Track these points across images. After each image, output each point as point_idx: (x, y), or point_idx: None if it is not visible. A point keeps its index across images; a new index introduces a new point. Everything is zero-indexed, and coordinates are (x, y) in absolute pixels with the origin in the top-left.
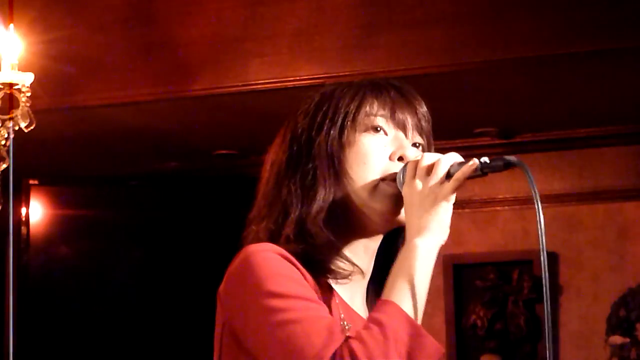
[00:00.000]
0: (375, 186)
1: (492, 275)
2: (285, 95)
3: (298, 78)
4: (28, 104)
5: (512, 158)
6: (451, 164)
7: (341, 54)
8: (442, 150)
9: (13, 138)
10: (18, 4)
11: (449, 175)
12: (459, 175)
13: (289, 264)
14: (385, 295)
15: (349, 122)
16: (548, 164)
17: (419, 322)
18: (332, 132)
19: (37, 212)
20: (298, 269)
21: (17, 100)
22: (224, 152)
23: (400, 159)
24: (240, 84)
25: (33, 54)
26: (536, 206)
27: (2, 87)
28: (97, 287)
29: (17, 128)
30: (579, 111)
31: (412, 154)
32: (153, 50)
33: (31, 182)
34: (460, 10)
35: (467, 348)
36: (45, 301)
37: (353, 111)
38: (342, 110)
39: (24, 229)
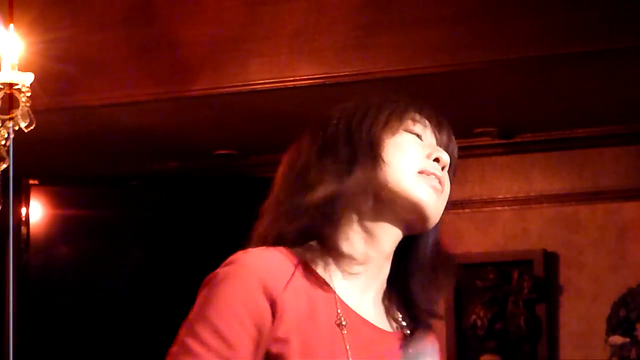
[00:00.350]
0: (412, 177)
1: (492, 275)
2: (285, 95)
3: (298, 78)
4: (28, 104)
5: None
6: None
7: (341, 54)
8: None
9: (13, 138)
10: (18, 4)
11: None
12: None
13: (254, 295)
14: None
15: (394, 117)
16: (548, 164)
17: None
18: (376, 120)
19: (37, 212)
20: (269, 294)
21: (17, 100)
22: (224, 152)
23: (437, 160)
24: (240, 84)
25: (33, 54)
26: None
27: (2, 87)
28: (97, 287)
29: (17, 128)
30: (579, 111)
31: (447, 158)
32: (153, 50)
33: (31, 182)
34: (460, 10)
35: (467, 348)
36: (45, 301)
37: (398, 112)
38: (388, 108)
39: (24, 229)
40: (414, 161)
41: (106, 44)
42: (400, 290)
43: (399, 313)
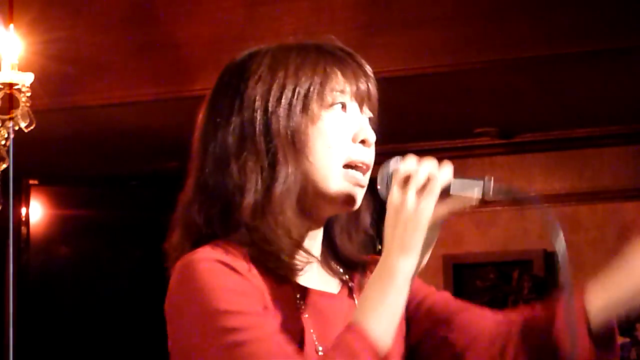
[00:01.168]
0: (339, 176)
1: (492, 275)
2: None
3: None
4: (28, 104)
5: (521, 193)
6: (446, 183)
7: None
8: (442, 152)
9: (13, 138)
10: (18, 4)
11: (443, 191)
12: (456, 207)
13: (232, 272)
14: (358, 316)
15: (314, 97)
16: (548, 164)
17: (388, 347)
18: (294, 106)
19: (37, 212)
20: (241, 274)
21: (17, 100)
22: None
23: (363, 142)
24: None
25: (33, 54)
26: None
27: (2, 87)
28: (97, 287)
29: (17, 128)
30: (579, 111)
31: (373, 137)
32: (153, 50)
33: (31, 182)
34: (460, 10)
35: None
36: (45, 301)
37: (318, 85)
38: (305, 83)
39: (24, 229)
40: (339, 152)
41: (106, 44)
42: (329, 246)
43: (338, 266)
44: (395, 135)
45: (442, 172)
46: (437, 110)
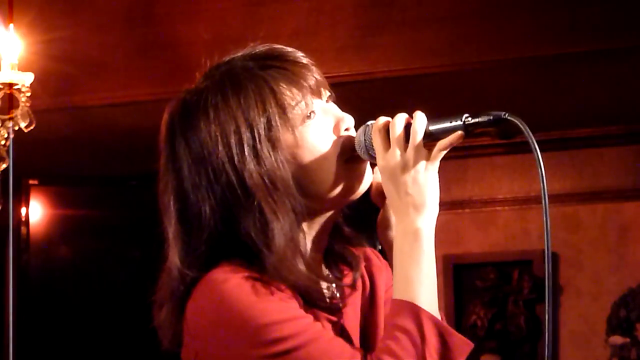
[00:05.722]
0: (342, 172)
1: (492, 275)
2: None
3: None
4: (28, 104)
5: (500, 113)
6: (426, 125)
7: (341, 54)
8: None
9: (13, 138)
10: (18, 4)
11: (426, 136)
12: (445, 144)
13: (264, 285)
14: (398, 293)
15: (279, 127)
16: (548, 164)
17: (438, 313)
18: (261, 150)
19: (37, 212)
20: (272, 285)
21: (17, 100)
22: None
23: (346, 129)
24: None
25: (33, 54)
26: (538, 167)
27: (2, 87)
28: (97, 287)
29: (17, 128)
30: (579, 111)
31: (352, 120)
32: (153, 50)
33: (31, 182)
34: (460, 10)
35: None
36: (45, 301)
37: (276, 113)
38: (261, 119)
39: (24, 229)
40: (332, 154)
41: (106, 44)
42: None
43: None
44: None
45: (417, 120)
46: (437, 110)
